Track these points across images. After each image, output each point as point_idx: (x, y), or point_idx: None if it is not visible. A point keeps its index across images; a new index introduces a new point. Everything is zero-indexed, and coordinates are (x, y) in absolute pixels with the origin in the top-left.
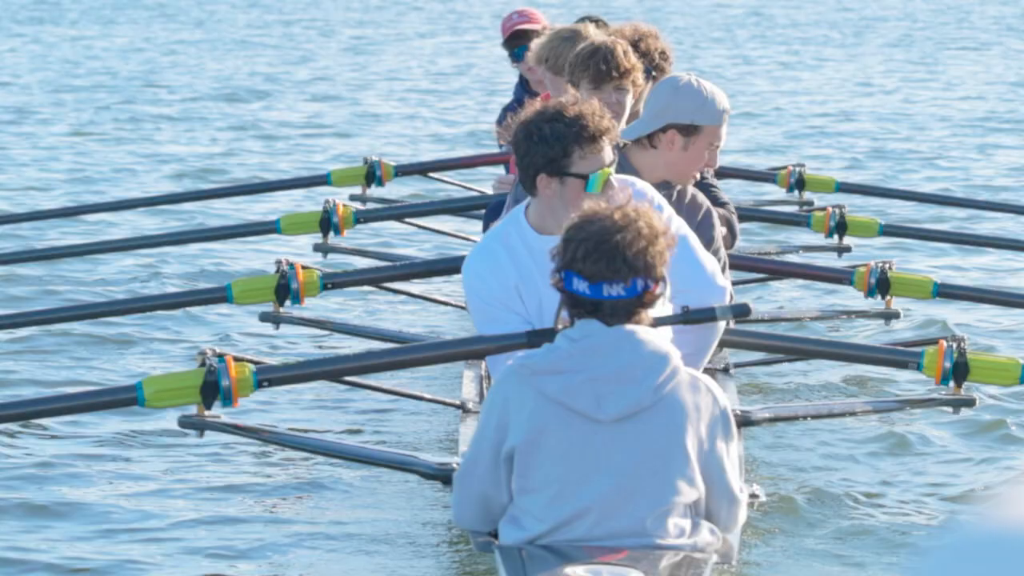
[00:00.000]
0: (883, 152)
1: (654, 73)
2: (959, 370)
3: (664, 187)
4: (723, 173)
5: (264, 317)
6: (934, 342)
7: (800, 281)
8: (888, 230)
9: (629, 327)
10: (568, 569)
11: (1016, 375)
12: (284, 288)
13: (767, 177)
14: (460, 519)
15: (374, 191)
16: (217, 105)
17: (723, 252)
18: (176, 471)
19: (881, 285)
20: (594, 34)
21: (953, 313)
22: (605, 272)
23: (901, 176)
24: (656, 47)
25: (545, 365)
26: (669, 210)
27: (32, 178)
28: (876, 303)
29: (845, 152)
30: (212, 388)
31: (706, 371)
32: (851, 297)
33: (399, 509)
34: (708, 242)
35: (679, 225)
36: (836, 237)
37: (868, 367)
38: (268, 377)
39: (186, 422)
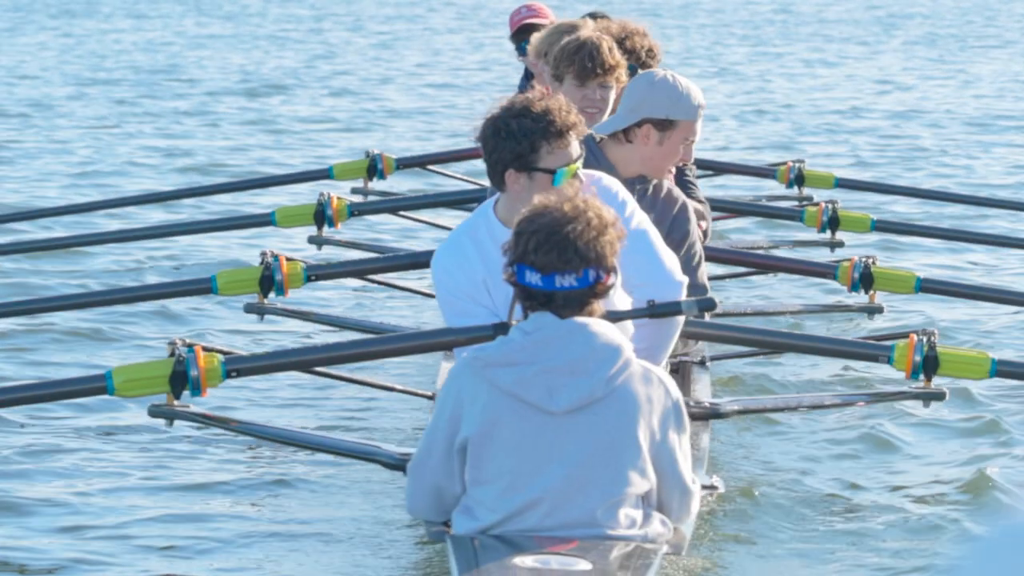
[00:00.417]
0: (897, 150)
1: (640, 71)
2: (929, 364)
3: (640, 181)
4: (724, 168)
5: (249, 308)
6: (906, 336)
7: (789, 276)
8: (880, 226)
9: (581, 320)
10: (517, 559)
11: (986, 369)
12: (268, 280)
13: (767, 173)
14: (413, 509)
15: (376, 184)
16: (236, 100)
17: (699, 246)
18: (139, 465)
19: (865, 280)
20: (584, 30)
21: (948, 310)
22: (557, 263)
23: (915, 174)
24: (643, 45)
25: (498, 357)
26: (633, 205)
27: (44, 171)
28: (861, 298)
29: (860, 150)
30: (181, 378)
31: (683, 364)
32: (838, 292)
33: (365, 504)
34: (683, 236)
35: (641, 220)
36: (829, 232)
37: (847, 362)
38: (237, 367)
39: (155, 411)
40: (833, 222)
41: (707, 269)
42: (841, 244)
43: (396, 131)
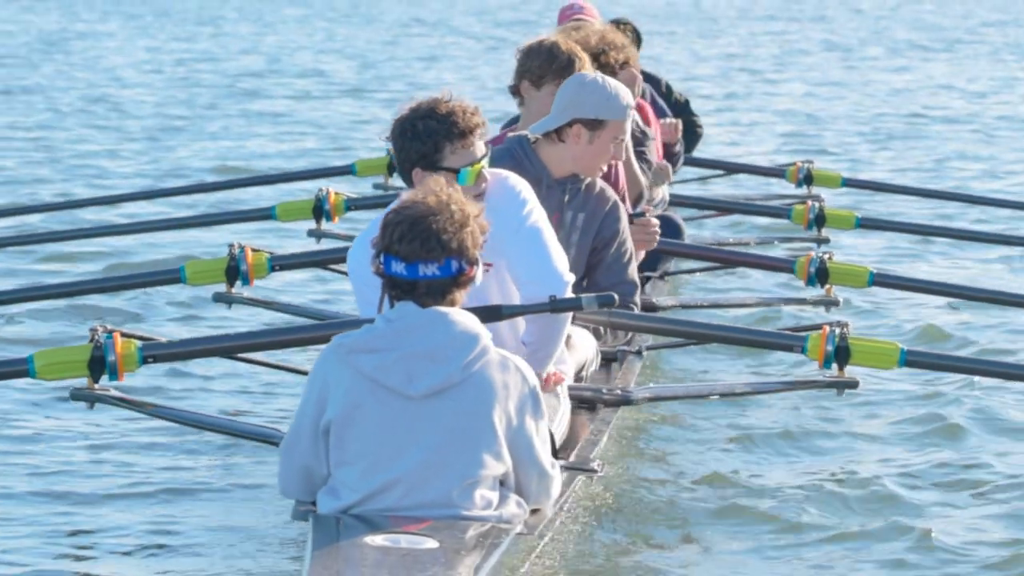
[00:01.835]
0: (944, 154)
1: None
2: (841, 354)
3: (572, 181)
4: (736, 168)
5: (217, 297)
6: (819, 328)
7: (767, 270)
8: (865, 223)
9: (442, 309)
10: (368, 538)
11: (895, 359)
12: (234, 269)
13: (778, 172)
14: (285, 490)
15: (396, 180)
16: (317, 102)
17: (629, 244)
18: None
19: (820, 274)
20: (562, 40)
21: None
22: (420, 252)
23: (958, 183)
24: (617, 59)
25: (361, 343)
26: (532, 204)
27: (111, 170)
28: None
29: (907, 155)
30: (99, 362)
31: (621, 353)
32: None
33: (249, 486)
34: (614, 234)
35: (537, 219)
36: (815, 229)
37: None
38: (153, 353)
39: (76, 394)
40: (819, 220)
41: (680, 264)
42: (827, 240)
43: None
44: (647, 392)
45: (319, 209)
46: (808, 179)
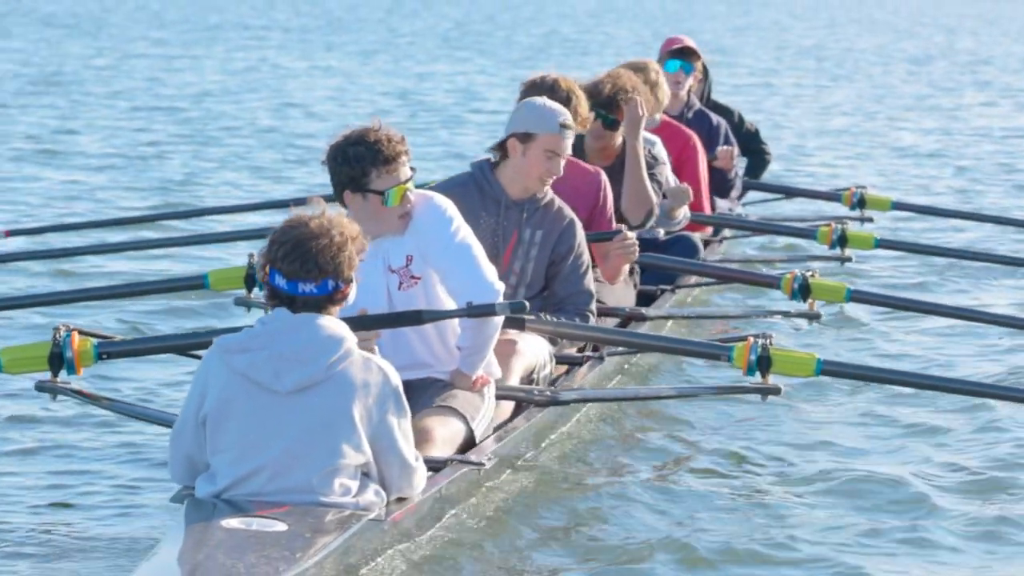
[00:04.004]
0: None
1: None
2: (763, 363)
3: (531, 201)
4: (795, 192)
5: (238, 302)
6: (746, 339)
7: (757, 285)
8: (883, 244)
9: (312, 315)
10: (225, 520)
11: (812, 368)
12: (252, 277)
13: (834, 197)
14: (173, 476)
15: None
16: (463, 136)
17: (586, 257)
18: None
19: (803, 290)
20: (563, 78)
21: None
22: (299, 272)
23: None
24: (627, 101)
25: (236, 344)
26: (458, 223)
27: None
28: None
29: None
30: (58, 358)
31: (586, 358)
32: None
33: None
34: (569, 249)
35: (465, 236)
36: (839, 249)
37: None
38: (108, 350)
39: (41, 387)
40: (842, 240)
41: (695, 279)
42: (849, 259)
43: None
44: (575, 395)
45: None
46: (861, 203)
